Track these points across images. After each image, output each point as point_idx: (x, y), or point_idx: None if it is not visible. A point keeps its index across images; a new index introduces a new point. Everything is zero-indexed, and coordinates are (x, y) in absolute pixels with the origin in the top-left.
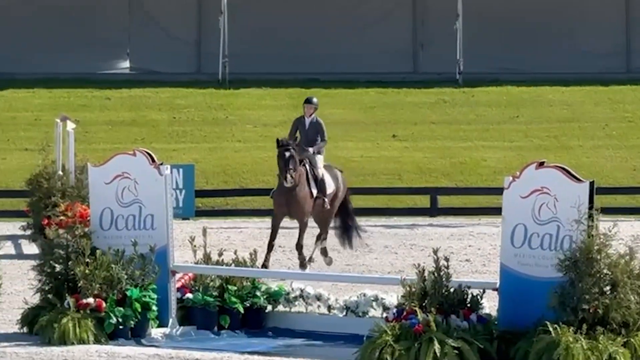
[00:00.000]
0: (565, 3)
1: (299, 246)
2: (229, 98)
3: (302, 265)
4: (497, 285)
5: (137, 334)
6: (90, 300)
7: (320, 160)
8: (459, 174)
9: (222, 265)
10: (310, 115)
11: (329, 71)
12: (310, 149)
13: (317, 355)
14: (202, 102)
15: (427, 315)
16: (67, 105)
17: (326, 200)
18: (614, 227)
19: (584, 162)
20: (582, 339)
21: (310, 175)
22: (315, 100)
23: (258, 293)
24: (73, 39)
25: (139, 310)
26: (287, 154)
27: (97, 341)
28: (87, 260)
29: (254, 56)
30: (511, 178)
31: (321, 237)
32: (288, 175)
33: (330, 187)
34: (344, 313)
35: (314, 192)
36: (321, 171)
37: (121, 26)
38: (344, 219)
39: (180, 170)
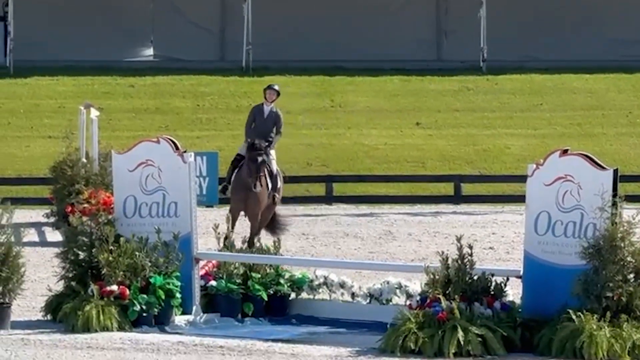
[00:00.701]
0: None
1: (252, 243)
2: (253, 85)
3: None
4: (521, 272)
5: (160, 321)
6: (114, 287)
7: (274, 154)
8: (483, 162)
9: (246, 253)
10: (272, 102)
11: (353, 59)
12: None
13: (340, 342)
14: (225, 90)
15: (451, 303)
16: (91, 92)
17: (277, 195)
18: (638, 215)
19: (607, 150)
20: (606, 327)
21: (267, 171)
22: (277, 86)
23: (282, 280)
24: (97, 26)
25: (163, 297)
26: (260, 158)
27: (121, 328)
28: (111, 247)
29: (277, 44)
30: (535, 166)
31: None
32: (258, 183)
33: (280, 182)
34: (368, 300)
35: (269, 188)
36: (275, 166)
37: (145, 14)
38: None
39: (204, 157)
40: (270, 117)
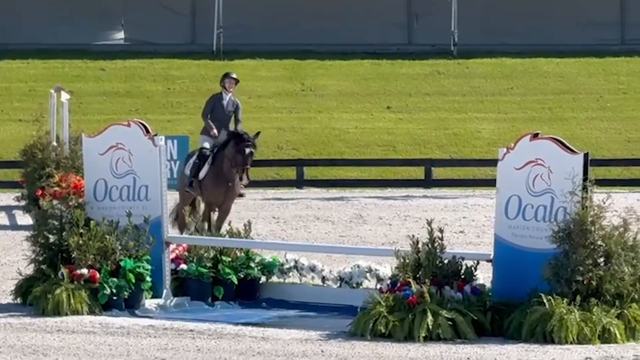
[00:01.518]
0: None
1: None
2: (224, 69)
3: None
4: (491, 256)
5: (130, 305)
6: (84, 271)
7: None
8: (453, 146)
9: (216, 237)
10: (232, 90)
11: (323, 42)
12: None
13: (310, 326)
14: (196, 74)
15: (421, 287)
16: (61, 76)
17: (242, 186)
18: (608, 199)
19: (578, 134)
20: (576, 311)
21: None
22: (235, 74)
23: (252, 264)
24: (68, 10)
25: (133, 281)
26: (248, 150)
27: (91, 312)
28: (81, 231)
29: (248, 27)
30: (505, 150)
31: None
32: (245, 175)
33: None
34: (338, 284)
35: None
36: None
37: None
38: None
39: (175, 141)
40: (230, 106)
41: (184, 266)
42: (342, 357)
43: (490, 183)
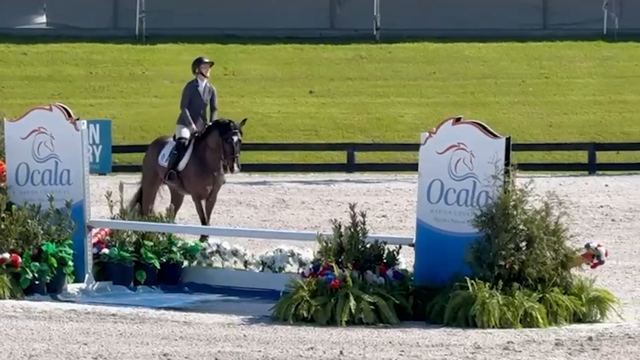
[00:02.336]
0: None
1: (206, 222)
2: (146, 53)
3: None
4: (414, 241)
5: (53, 289)
6: (6, 255)
7: None
8: (376, 130)
9: (139, 221)
10: (208, 75)
11: (246, 27)
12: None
13: (233, 310)
14: (119, 58)
15: (344, 271)
16: None
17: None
18: (530, 183)
19: (500, 118)
20: (498, 295)
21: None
22: (207, 58)
23: (174, 248)
24: None
25: (55, 265)
26: (236, 138)
27: (13, 296)
28: (3, 215)
29: (170, 11)
30: (428, 134)
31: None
32: (235, 165)
33: None
34: (261, 268)
35: None
36: None
37: None
38: None
39: (97, 125)
40: (206, 93)
41: (106, 250)
42: (265, 341)
43: (413, 167)
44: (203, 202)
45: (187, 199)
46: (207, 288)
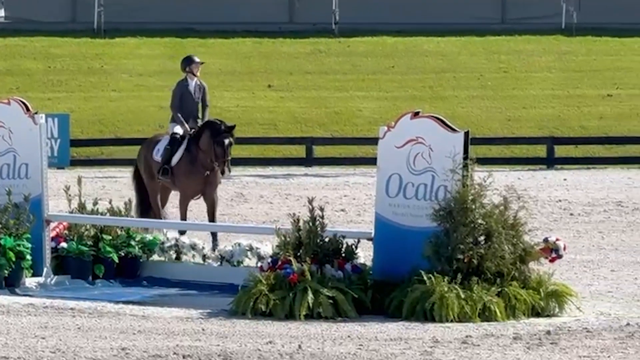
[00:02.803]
0: None
1: (215, 218)
2: (105, 47)
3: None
4: (372, 235)
5: (11, 284)
6: None
7: None
8: (335, 124)
9: (97, 215)
10: (198, 74)
11: (205, 21)
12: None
13: (191, 304)
14: (77, 52)
15: (302, 265)
16: None
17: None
18: (489, 177)
19: (459, 112)
20: (457, 289)
21: None
22: (197, 57)
23: (133, 242)
24: None
25: (13, 259)
26: (227, 141)
27: None
28: None
29: (129, 5)
30: (386, 128)
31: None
32: (226, 168)
33: None
34: (219, 262)
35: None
36: None
37: None
38: None
39: (56, 119)
40: (197, 91)
41: (64, 244)
42: (223, 335)
43: (371, 161)
44: (197, 202)
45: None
46: (165, 282)
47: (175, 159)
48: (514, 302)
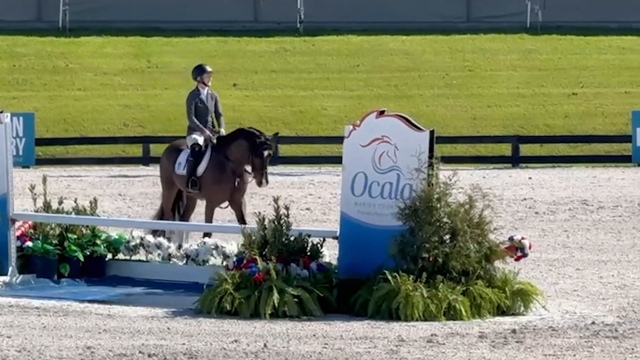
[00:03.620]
0: None
1: (245, 221)
2: (70, 46)
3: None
4: (337, 233)
5: None
6: None
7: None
8: (300, 123)
9: (62, 214)
10: (210, 84)
11: (169, 19)
12: (222, 130)
13: (157, 303)
14: (42, 50)
15: (267, 264)
16: None
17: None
18: (454, 176)
19: (424, 111)
20: (422, 288)
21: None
22: (209, 66)
23: (98, 241)
24: None
25: None
26: (267, 152)
27: None
28: None
29: (94, 4)
30: (351, 127)
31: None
32: (264, 179)
33: None
34: (184, 261)
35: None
36: None
37: None
38: None
39: (21, 118)
40: (209, 100)
41: (29, 243)
42: (188, 334)
43: (337, 160)
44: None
45: (108, 191)
46: (130, 281)
47: (200, 169)
48: (480, 300)
